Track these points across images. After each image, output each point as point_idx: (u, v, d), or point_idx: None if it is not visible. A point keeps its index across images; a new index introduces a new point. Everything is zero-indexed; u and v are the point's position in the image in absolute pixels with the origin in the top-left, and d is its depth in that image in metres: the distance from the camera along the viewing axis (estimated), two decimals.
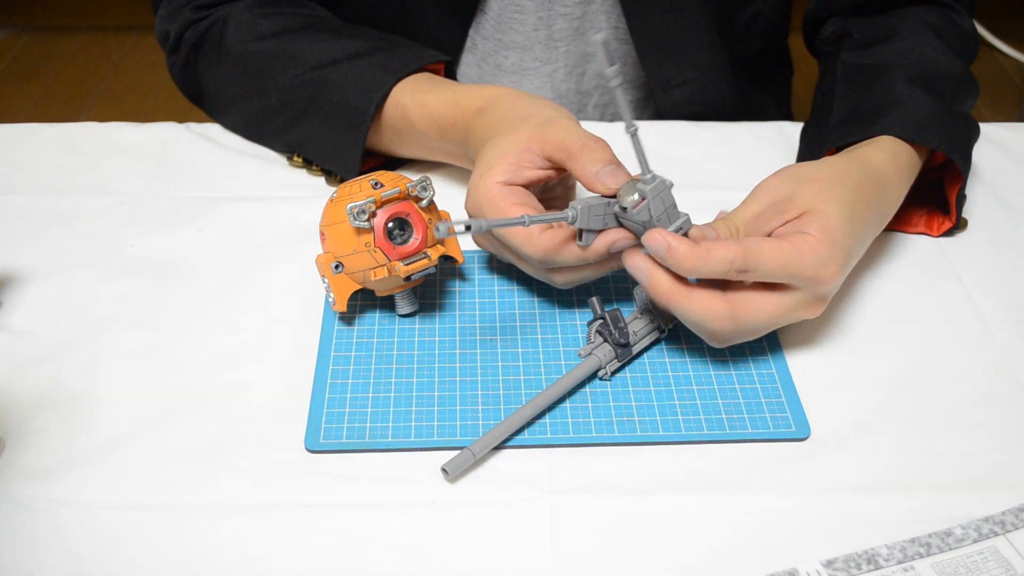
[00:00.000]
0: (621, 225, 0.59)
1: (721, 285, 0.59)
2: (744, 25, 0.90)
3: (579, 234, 0.59)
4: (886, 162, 0.66)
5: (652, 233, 0.57)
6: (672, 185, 0.57)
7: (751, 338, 0.60)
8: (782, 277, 0.57)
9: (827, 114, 0.75)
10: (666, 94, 0.90)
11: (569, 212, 0.57)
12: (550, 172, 0.62)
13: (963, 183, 0.70)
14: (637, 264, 0.58)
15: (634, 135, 0.55)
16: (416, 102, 0.72)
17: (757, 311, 0.58)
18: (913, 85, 0.71)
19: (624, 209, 0.58)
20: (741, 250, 0.56)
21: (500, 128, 0.64)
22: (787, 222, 0.60)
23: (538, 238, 0.59)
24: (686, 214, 0.58)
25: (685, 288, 0.58)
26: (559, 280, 0.62)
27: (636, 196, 0.57)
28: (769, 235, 0.60)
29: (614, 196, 0.58)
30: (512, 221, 0.55)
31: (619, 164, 0.60)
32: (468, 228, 0.53)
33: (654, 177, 0.57)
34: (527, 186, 0.62)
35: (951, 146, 0.68)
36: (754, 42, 0.93)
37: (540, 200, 0.63)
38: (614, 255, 0.60)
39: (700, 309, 0.57)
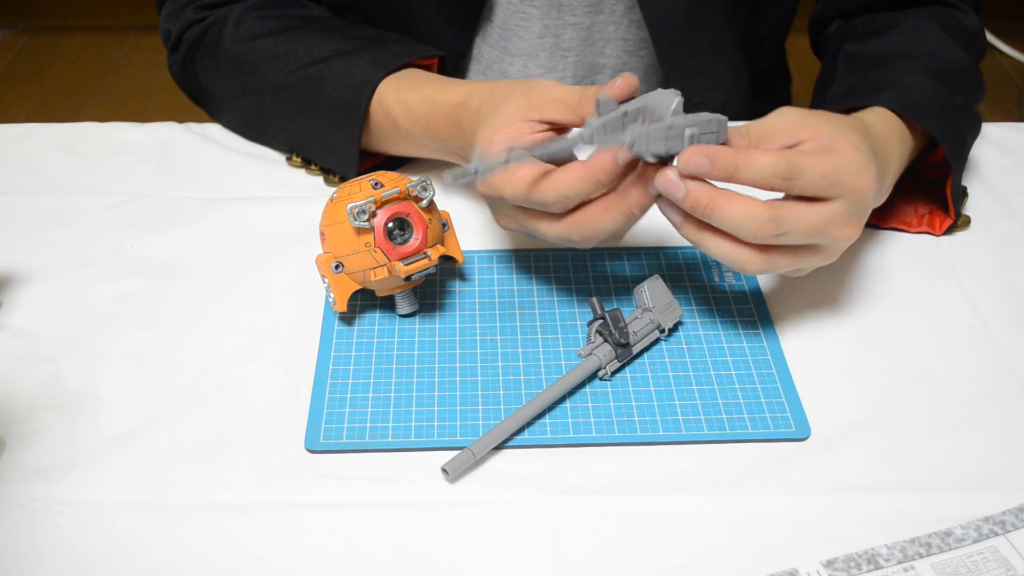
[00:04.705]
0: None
1: None
2: (757, 41, 0.90)
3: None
4: (885, 132, 0.65)
5: (686, 153, 0.55)
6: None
7: (785, 263, 0.58)
8: (825, 186, 0.56)
9: (825, 94, 0.75)
10: None
11: (627, 136, 0.55)
12: (550, 134, 0.61)
13: (956, 174, 0.70)
14: (668, 177, 0.55)
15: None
16: (398, 100, 0.72)
17: (799, 216, 0.56)
18: (915, 72, 0.71)
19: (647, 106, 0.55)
20: (783, 156, 0.55)
21: (485, 109, 0.63)
22: (802, 142, 0.58)
23: (520, 174, 0.57)
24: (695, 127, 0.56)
25: (726, 192, 0.55)
26: (577, 237, 0.59)
27: (675, 102, 0.55)
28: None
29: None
30: (558, 143, 0.53)
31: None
32: (507, 160, 0.51)
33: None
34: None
35: (942, 131, 0.68)
36: (764, 56, 0.93)
37: None
38: (631, 186, 0.57)
39: (741, 212, 0.55)
